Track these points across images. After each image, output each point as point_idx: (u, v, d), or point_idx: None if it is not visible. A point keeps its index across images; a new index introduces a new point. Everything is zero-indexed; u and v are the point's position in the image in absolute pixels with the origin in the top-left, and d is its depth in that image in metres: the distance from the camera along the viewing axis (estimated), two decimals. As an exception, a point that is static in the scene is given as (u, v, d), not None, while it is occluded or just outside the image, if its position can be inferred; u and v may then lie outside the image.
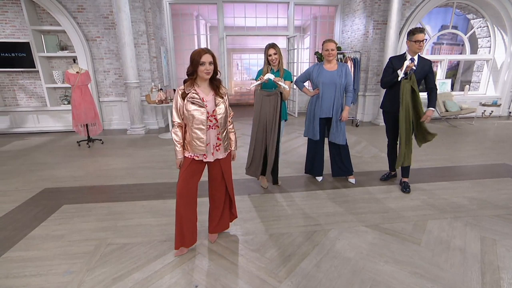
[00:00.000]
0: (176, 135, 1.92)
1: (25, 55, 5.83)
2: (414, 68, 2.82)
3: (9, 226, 2.50)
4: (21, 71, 6.10)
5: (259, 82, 2.83)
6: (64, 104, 6.25)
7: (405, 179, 3.21)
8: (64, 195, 3.11)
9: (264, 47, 2.96)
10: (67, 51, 6.05)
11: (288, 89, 2.88)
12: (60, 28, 5.81)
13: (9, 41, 5.80)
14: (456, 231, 2.36)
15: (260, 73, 2.98)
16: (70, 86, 4.77)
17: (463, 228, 2.40)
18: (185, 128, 1.93)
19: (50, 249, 2.15)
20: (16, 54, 5.85)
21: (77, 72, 4.68)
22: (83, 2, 5.80)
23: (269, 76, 2.76)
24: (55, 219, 2.59)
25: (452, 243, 2.20)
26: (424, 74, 2.91)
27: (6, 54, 5.83)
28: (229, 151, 2.07)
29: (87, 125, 4.97)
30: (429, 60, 2.90)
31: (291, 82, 3.05)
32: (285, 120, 3.14)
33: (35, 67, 5.89)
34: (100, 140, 5.27)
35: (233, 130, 2.10)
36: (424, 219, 2.56)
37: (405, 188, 3.12)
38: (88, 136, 5.06)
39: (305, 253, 2.11)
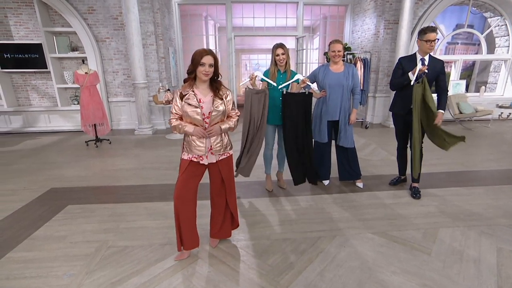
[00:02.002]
0: (176, 121, 1.85)
1: (37, 56, 5.96)
2: (427, 71, 2.69)
3: (15, 225, 2.52)
4: (34, 71, 6.24)
5: (247, 80, 2.82)
6: (74, 104, 6.36)
7: (416, 184, 3.08)
8: (69, 195, 3.13)
9: (272, 47, 2.89)
10: (78, 52, 6.15)
11: (316, 90, 2.91)
12: (71, 30, 5.91)
13: (23, 43, 5.94)
14: (470, 240, 2.23)
15: (266, 74, 2.91)
16: (79, 86, 4.84)
17: (478, 237, 2.27)
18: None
19: (52, 250, 2.15)
20: (30, 55, 5.98)
21: (86, 73, 4.73)
22: (93, 3, 5.88)
23: (257, 73, 2.79)
24: (59, 220, 2.60)
25: (465, 254, 2.08)
26: (436, 75, 2.79)
27: (20, 55, 5.97)
28: (226, 155, 2.00)
29: (95, 125, 5.02)
30: (441, 60, 2.78)
31: (298, 83, 2.99)
32: None
33: (47, 68, 6.01)
34: (108, 140, 5.32)
35: (232, 123, 1.95)
36: (435, 227, 2.44)
37: (415, 194, 3.00)
38: (96, 136, 5.11)
39: (309, 260, 2.04)
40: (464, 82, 7.04)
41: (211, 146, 1.89)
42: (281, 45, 2.82)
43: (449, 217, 2.59)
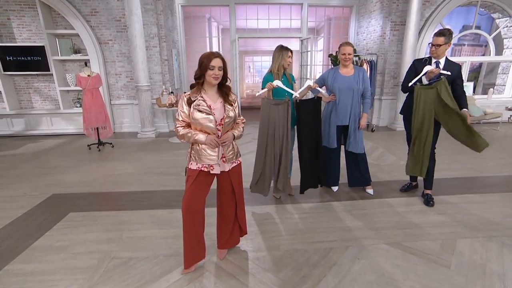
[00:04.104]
0: (184, 129, 1.74)
1: (40, 58, 5.90)
2: (448, 73, 2.56)
3: (14, 234, 2.43)
4: (36, 74, 6.18)
5: (265, 90, 2.64)
6: (77, 107, 6.29)
7: (428, 191, 2.97)
8: (71, 201, 3.04)
9: (279, 48, 2.74)
10: (80, 54, 6.09)
11: (325, 94, 2.84)
12: (74, 32, 5.86)
13: (25, 45, 5.88)
14: (491, 253, 2.12)
15: (271, 77, 2.77)
16: (81, 89, 4.77)
17: (499, 249, 2.15)
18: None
19: (53, 262, 2.06)
20: (32, 57, 5.92)
21: (88, 76, 4.66)
22: (96, 5, 5.83)
23: (277, 83, 2.62)
24: (60, 228, 2.51)
25: (488, 267, 1.96)
26: (451, 79, 2.67)
27: (23, 58, 5.91)
28: (237, 163, 1.91)
29: (97, 128, 4.95)
30: (457, 64, 2.66)
31: (294, 83, 2.92)
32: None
33: (49, 71, 5.95)
34: (111, 143, 5.24)
35: (241, 130, 1.89)
36: (452, 237, 2.33)
37: (429, 201, 2.89)
38: (99, 140, 5.03)
39: (322, 274, 1.93)
40: (471, 84, 6.92)
41: (223, 154, 1.79)
42: (289, 49, 2.73)
43: (466, 227, 2.47)
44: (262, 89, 2.78)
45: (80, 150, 5.07)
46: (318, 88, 2.84)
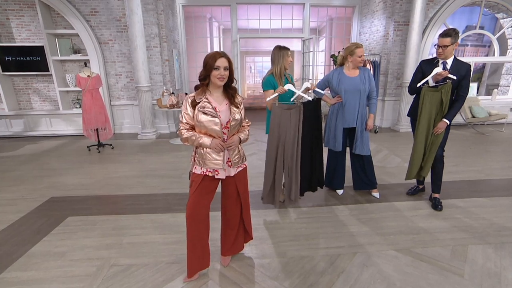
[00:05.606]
0: (188, 132, 1.67)
1: (39, 58, 5.84)
2: (454, 77, 2.50)
3: (11, 239, 2.36)
4: (36, 74, 6.12)
5: (276, 94, 2.50)
6: (76, 107, 6.22)
7: (436, 195, 2.89)
8: (70, 205, 2.97)
9: (278, 49, 2.62)
10: (80, 54, 6.02)
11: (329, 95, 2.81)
12: (74, 32, 5.79)
13: (24, 45, 5.81)
14: (506, 260, 2.04)
15: (273, 78, 2.66)
16: (81, 89, 4.70)
17: (513, 257, 2.08)
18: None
19: (50, 270, 1.98)
20: (31, 58, 5.86)
21: (88, 76, 4.59)
22: (96, 5, 5.76)
23: (289, 86, 2.50)
24: (58, 233, 2.43)
25: (503, 276, 1.89)
26: (458, 80, 2.59)
27: (22, 58, 5.85)
28: (243, 167, 1.84)
29: (97, 129, 4.88)
30: (467, 63, 2.58)
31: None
32: None
33: (49, 71, 5.89)
34: (110, 145, 5.16)
35: (247, 133, 1.83)
36: (463, 243, 2.25)
37: (437, 205, 2.81)
38: (98, 141, 4.96)
39: (330, 282, 1.86)
40: (475, 85, 6.85)
41: (229, 158, 1.72)
42: (288, 48, 2.65)
43: (477, 232, 2.40)
44: (264, 91, 2.70)
45: (79, 151, 5.00)
46: (319, 90, 2.77)
